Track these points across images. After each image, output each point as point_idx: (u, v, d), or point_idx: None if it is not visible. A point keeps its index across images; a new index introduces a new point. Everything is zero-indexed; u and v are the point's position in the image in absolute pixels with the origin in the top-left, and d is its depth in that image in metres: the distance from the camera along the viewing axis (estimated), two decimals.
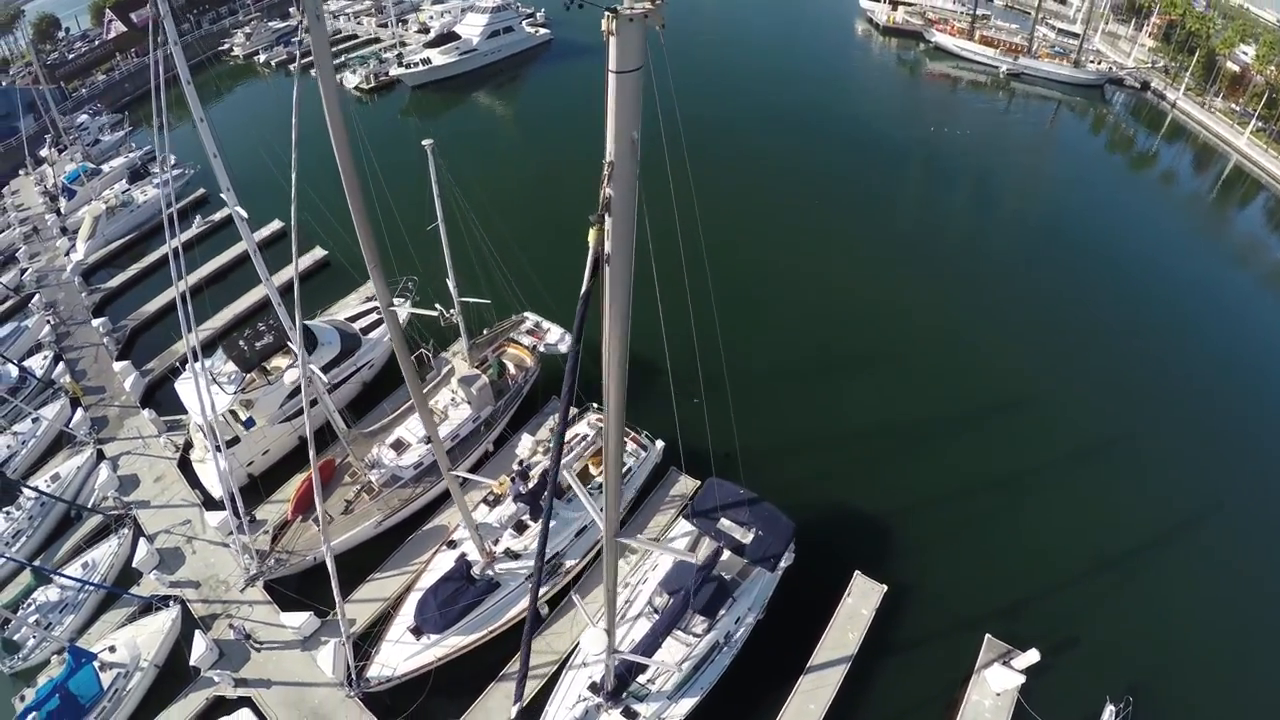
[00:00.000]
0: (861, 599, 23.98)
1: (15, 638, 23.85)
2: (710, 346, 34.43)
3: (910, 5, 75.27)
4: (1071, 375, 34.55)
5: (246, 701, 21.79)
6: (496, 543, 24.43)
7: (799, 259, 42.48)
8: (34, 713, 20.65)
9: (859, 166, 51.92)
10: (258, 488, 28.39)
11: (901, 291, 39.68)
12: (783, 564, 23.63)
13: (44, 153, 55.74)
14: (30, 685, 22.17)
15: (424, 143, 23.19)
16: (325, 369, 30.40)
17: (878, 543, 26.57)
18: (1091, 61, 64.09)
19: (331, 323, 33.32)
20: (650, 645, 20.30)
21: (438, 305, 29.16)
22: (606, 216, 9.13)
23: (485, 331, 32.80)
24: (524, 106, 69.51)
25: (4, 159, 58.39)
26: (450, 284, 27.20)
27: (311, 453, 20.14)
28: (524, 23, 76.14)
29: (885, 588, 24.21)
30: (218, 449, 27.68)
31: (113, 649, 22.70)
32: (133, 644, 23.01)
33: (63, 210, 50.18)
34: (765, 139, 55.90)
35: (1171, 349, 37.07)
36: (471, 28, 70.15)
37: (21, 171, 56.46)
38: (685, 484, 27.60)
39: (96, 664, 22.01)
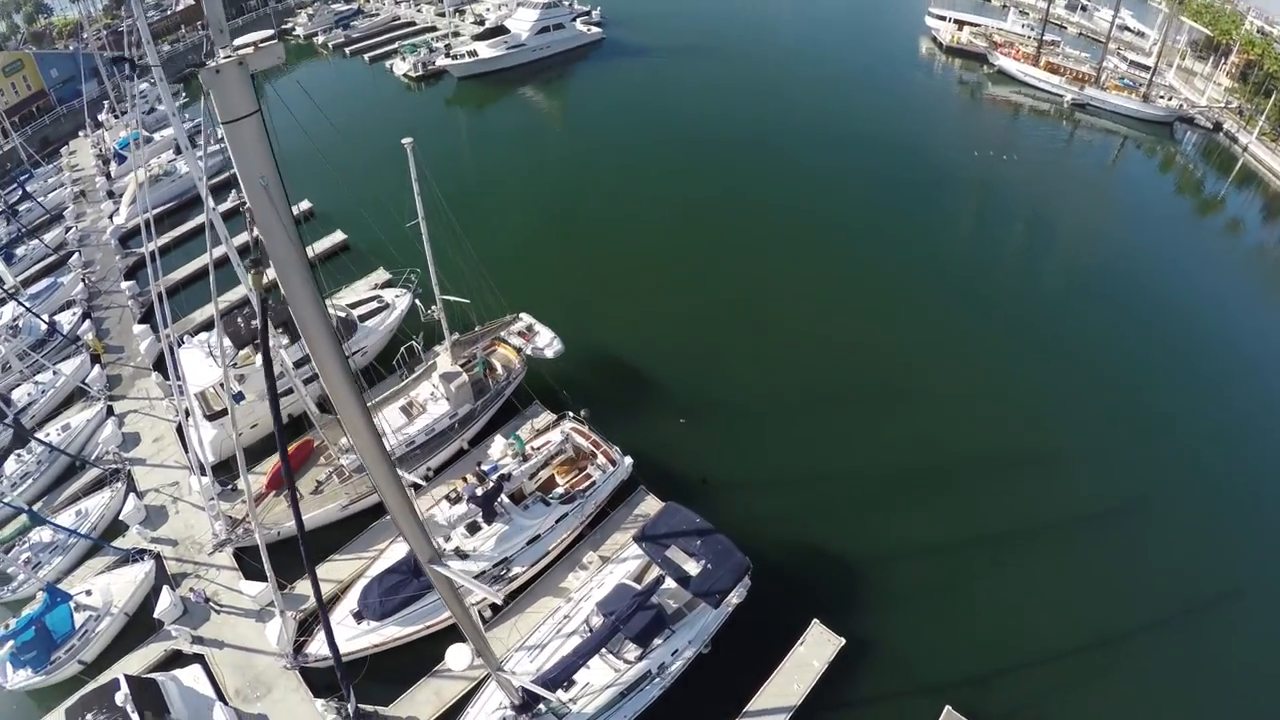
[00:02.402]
0: (815, 649, 23.85)
1: (8, 571, 27.28)
2: (707, 368, 36.43)
3: (976, 26, 75.02)
4: (1087, 432, 33.28)
5: (199, 659, 24.29)
6: (448, 540, 26.04)
7: (818, 283, 42.78)
8: (11, 640, 23.72)
9: (904, 189, 52.05)
10: (242, 459, 31.25)
11: (917, 326, 39.21)
12: (733, 600, 23.95)
13: (102, 117, 60.79)
14: (13, 616, 25.25)
15: (404, 141, 24.58)
16: None
17: (843, 592, 26.30)
18: (1162, 97, 63.00)
19: (333, 306, 36.02)
20: (572, 665, 21.02)
21: (418, 301, 31.33)
22: (260, 263, 9.14)
23: (476, 329, 34.34)
24: (568, 104, 72.09)
25: (67, 120, 63.90)
26: (432, 281, 29.26)
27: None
28: (577, 21, 78.73)
29: (843, 641, 23.92)
30: (209, 418, 30.90)
31: (89, 593, 25.65)
32: (107, 591, 25.93)
33: (112, 174, 54.76)
34: (810, 154, 56.84)
35: (1210, 418, 34.64)
36: (521, 23, 73.13)
37: (81, 133, 61.73)
38: (651, 504, 28.46)
39: (72, 604, 25.01)
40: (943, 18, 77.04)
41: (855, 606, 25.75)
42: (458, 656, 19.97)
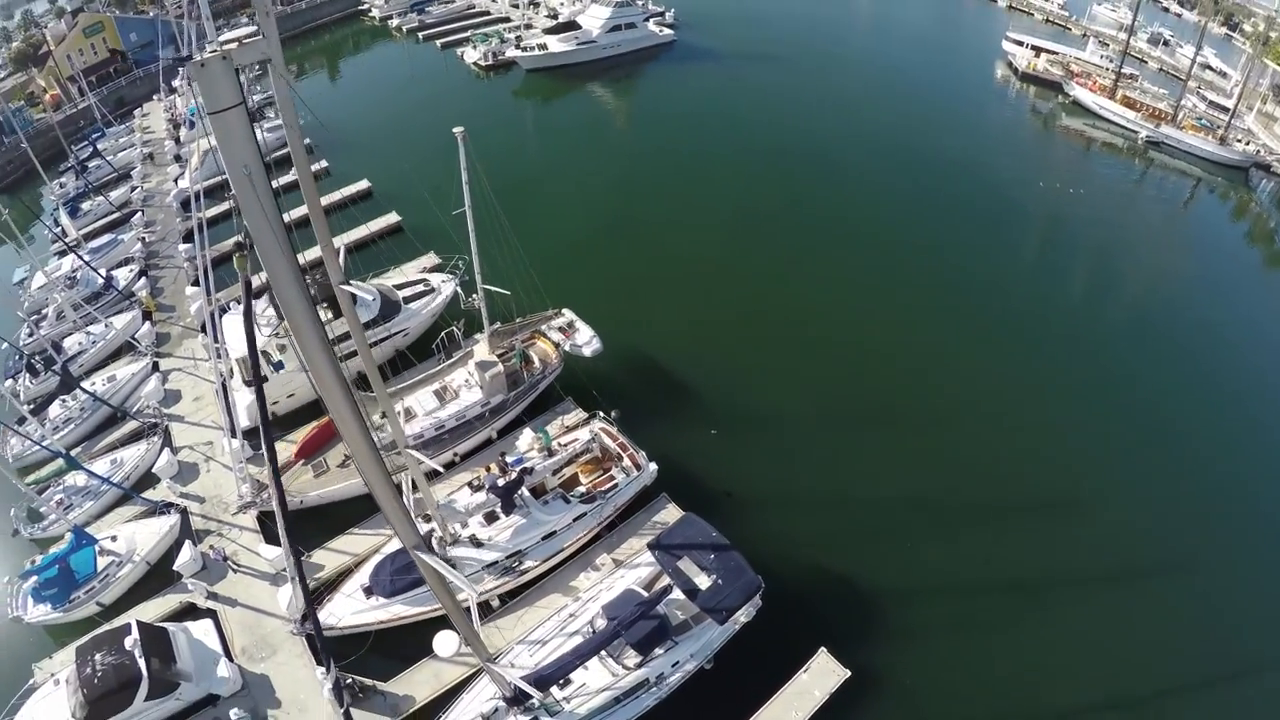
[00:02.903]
0: (818, 678, 23.26)
1: (41, 510, 28.49)
2: (745, 380, 36.12)
3: (1053, 54, 73.24)
4: (1134, 482, 31.83)
5: (212, 614, 25.00)
6: (465, 527, 26.28)
7: (868, 303, 42.01)
8: (35, 575, 24.82)
9: (966, 215, 50.96)
10: (278, 426, 32.06)
11: (964, 355, 38.37)
12: (741, 618, 23.66)
13: (176, 83, 63.20)
14: (41, 554, 26.31)
15: (455, 130, 24.90)
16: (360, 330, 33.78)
17: (855, 623, 25.53)
18: (1239, 141, 60.50)
19: (379, 286, 36.76)
20: (570, 664, 21.06)
21: (459, 289, 31.72)
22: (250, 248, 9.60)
23: (517, 320, 34.60)
24: (633, 105, 72.43)
25: (144, 83, 66.61)
26: (475, 269, 29.61)
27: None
28: (650, 21, 79.16)
29: (849, 673, 23.25)
30: (247, 383, 31.72)
31: (114, 539, 26.60)
32: (132, 539, 26.84)
33: (181, 139, 56.85)
34: (873, 172, 56.05)
35: (1275, 481, 32.71)
36: (593, 19, 73.72)
37: (155, 97, 64.25)
38: (671, 513, 28.26)
39: (97, 548, 25.94)
40: (1020, 43, 75.38)
41: (865, 639, 25.06)
42: (445, 643, 20.16)
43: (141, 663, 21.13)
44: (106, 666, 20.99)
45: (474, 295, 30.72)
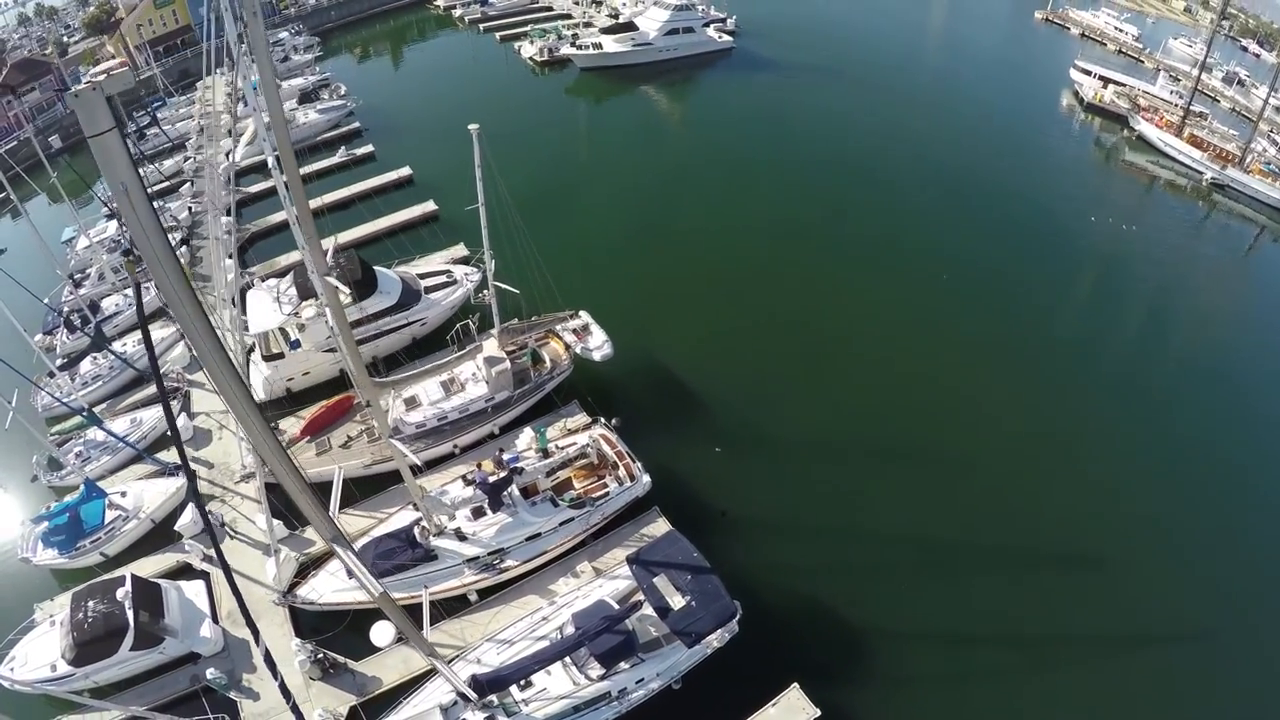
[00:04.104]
0: (787, 713, 23.07)
1: (61, 460, 30.58)
2: (759, 400, 36.32)
3: (1121, 86, 71.57)
4: (1171, 551, 30.05)
5: (205, 576, 26.59)
6: (452, 519, 27.11)
7: (898, 331, 41.06)
8: (46, 521, 26.84)
9: (1013, 246, 50.13)
10: (292, 402, 33.78)
11: (997, 396, 37.07)
12: (714, 642, 23.73)
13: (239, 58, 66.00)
14: (55, 501, 28.35)
15: (470, 127, 25.59)
16: (378, 315, 35.32)
17: (833, 661, 25.23)
18: None
19: (402, 274, 38.23)
20: (531, 667, 21.65)
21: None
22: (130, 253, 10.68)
23: (534, 318, 35.23)
24: (683, 110, 73.18)
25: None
26: (486, 266, 30.67)
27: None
28: (710, 27, 79.82)
29: (818, 712, 22.92)
30: (265, 358, 33.49)
31: (123, 495, 28.50)
32: (140, 496, 28.69)
33: (237, 114, 59.51)
34: (921, 194, 55.45)
35: None
36: (651, 21, 74.78)
37: (219, 71, 67.19)
38: (660, 527, 28.17)
39: (106, 501, 27.85)
40: (1088, 72, 73.94)
41: (842, 681, 24.63)
42: (380, 632, 21.30)
43: (130, 614, 22.72)
44: (97, 614, 22.65)
45: (484, 291, 31.76)
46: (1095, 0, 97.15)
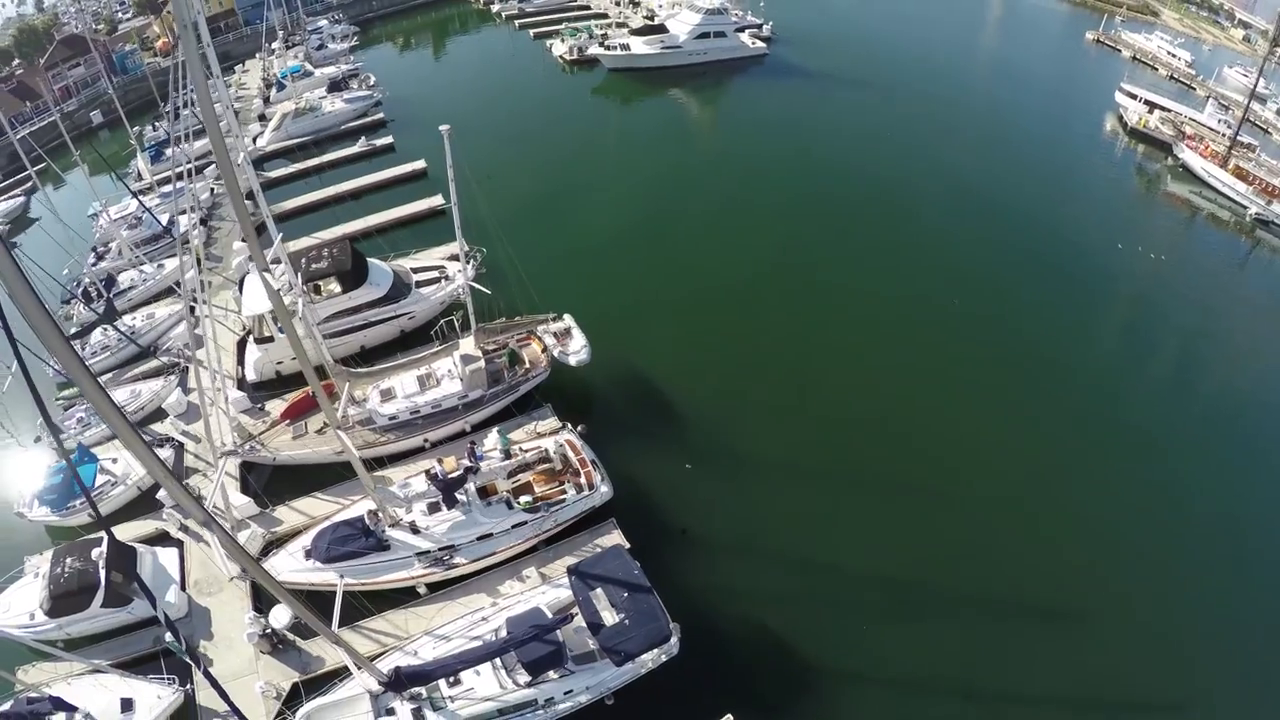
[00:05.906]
0: None
1: (64, 424, 33.63)
2: (739, 420, 37.52)
3: (1167, 112, 70.48)
4: (1174, 615, 28.54)
5: (179, 544, 29.23)
6: (408, 512, 28.67)
7: (898, 360, 39.95)
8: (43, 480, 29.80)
9: (1035, 273, 48.95)
10: (281, 384, 36.21)
11: (992, 433, 35.78)
12: (648, 663, 23.99)
13: (275, 45, 69.61)
14: (54, 462, 31.29)
15: (441, 128, 27.17)
16: (367, 306, 37.70)
17: (776, 697, 25.05)
18: None
19: (395, 267, 40.48)
20: (450, 666, 22.31)
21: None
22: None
23: (517, 318, 36.44)
24: (708, 117, 74.05)
25: (249, 41, 73.52)
26: (464, 266, 32.60)
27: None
28: (744, 33, 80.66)
29: None
30: (258, 341, 36.00)
31: (114, 461, 31.45)
32: (130, 464, 31.52)
33: (270, 99, 62.88)
34: (945, 218, 54.57)
35: None
36: (682, 24, 75.83)
37: (257, 55, 70.84)
38: (614, 539, 28.55)
39: (98, 466, 30.70)
40: (1134, 96, 72.93)
41: (777, 717, 24.63)
42: (277, 615, 23.53)
43: (101, 573, 25.26)
44: (73, 571, 25.36)
45: (459, 289, 33.53)
46: (1150, 24, 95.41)
